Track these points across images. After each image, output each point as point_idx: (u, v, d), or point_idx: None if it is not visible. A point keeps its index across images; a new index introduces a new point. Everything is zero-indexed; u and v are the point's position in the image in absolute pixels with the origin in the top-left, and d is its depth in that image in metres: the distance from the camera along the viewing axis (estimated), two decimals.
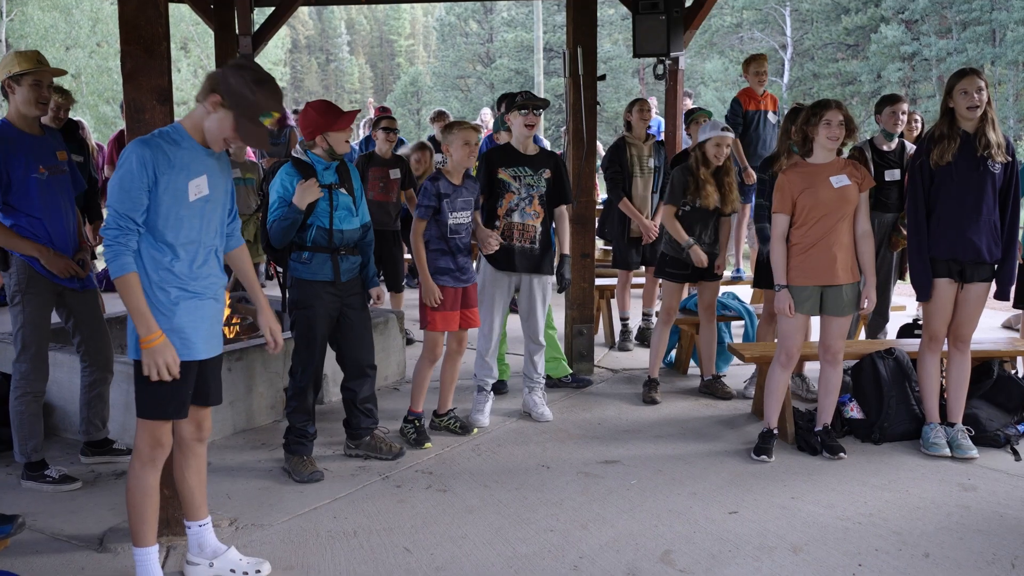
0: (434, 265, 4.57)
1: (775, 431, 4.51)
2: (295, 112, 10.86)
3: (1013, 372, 5.04)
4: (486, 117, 11.56)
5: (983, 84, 4.17)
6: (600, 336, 7.00)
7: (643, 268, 6.83)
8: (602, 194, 7.87)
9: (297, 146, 4.25)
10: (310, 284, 4.15)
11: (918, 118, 6.74)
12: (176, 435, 3.13)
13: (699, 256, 5.20)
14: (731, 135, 5.19)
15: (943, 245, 4.30)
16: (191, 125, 2.92)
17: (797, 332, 4.40)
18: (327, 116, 4.13)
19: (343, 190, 4.19)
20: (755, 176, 6.47)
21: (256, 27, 9.35)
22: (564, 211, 5.03)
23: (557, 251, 5.09)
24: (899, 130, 5.29)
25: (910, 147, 5.37)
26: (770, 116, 7.36)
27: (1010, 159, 4.25)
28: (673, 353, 6.24)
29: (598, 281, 6.54)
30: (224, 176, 3.06)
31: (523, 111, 4.80)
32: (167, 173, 2.83)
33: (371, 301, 4.44)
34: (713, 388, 5.54)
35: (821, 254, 4.30)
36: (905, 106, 5.35)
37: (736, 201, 5.33)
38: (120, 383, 4.41)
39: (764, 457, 4.39)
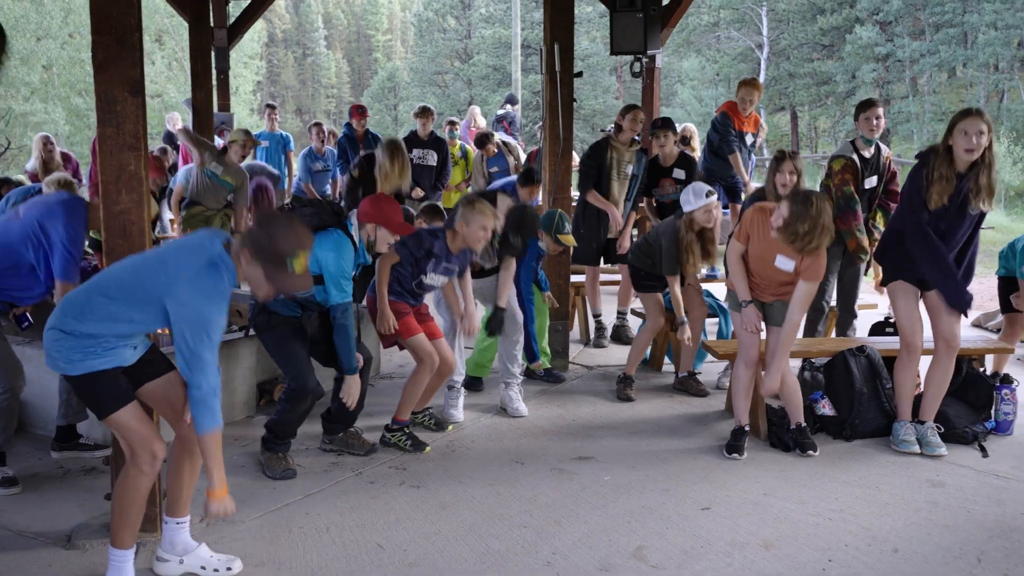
0: (391, 288, 4.52)
1: (746, 428, 4.54)
2: (269, 107, 10.77)
3: (982, 370, 5.10)
4: (477, 116, 11.88)
5: (985, 128, 4.05)
6: (575, 333, 7.02)
7: (613, 265, 6.86)
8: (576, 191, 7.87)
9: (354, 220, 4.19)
10: (271, 312, 4.11)
11: None
12: (178, 434, 3.14)
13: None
14: (715, 199, 5.12)
15: (909, 269, 4.36)
16: (239, 267, 2.92)
17: (754, 339, 4.48)
18: (385, 211, 4.20)
19: None
20: (752, 188, 6.61)
21: (232, 20, 9.30)
22: (511, 264, 5.01)
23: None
24: (875, 136, 5.29)
25: (886, 150, 5.42)
26: (748, 137, 7.38)
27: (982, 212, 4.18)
28: (648, 350, 6.25)
29: (573, 278, 6.54)
30: None
31: None
32: None
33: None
34: (687, 385, 5.58)
35: (754, 280, 4.45)
36: (879, 110, 5.35)
37: (716, 256, 5.44)
38: None
39: (736, 455, 4.42)
